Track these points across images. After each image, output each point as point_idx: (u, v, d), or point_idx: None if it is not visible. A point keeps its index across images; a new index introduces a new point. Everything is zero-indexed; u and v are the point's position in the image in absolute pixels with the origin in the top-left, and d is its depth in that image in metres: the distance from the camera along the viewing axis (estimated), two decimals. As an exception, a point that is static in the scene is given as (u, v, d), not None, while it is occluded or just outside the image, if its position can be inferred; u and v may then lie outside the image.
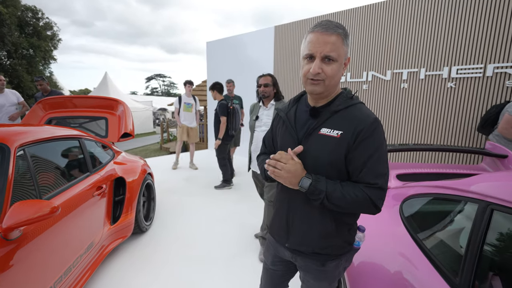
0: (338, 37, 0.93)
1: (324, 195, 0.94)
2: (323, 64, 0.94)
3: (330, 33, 0.93)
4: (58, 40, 18.66)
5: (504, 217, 0.92)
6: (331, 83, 0.97)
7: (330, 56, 0.93)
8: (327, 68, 0.94)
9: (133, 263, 2.44)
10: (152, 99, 23.44)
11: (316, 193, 0.94)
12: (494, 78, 3.50)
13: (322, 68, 0.94)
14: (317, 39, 0.94)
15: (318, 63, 0.94)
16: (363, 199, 0.92)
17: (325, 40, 0.92)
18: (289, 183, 0.98)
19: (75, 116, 3.31)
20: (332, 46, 0.92)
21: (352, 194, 0.93)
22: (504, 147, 2.19)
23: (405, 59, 4.16)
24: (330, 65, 0.94)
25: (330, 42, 0.92)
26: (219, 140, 4.19)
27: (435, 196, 1.30)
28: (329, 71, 0.94)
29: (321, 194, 0.94)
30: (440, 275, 1.03)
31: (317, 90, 0.98)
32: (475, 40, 3.57)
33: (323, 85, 0.97)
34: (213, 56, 7.30)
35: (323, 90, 0.98)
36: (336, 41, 0.93)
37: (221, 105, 4.16)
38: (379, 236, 1.47)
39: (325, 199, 0.94)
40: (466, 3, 3.59)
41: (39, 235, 1.53)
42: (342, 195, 0.93)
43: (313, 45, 0.94)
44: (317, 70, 0.94)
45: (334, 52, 0.93)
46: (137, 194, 2.75)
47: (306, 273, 1.17)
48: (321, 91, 0.98)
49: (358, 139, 0.94)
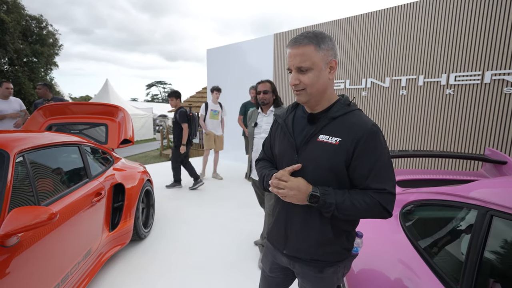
0: (308, 47, 0.96)
1: (334, 207, 0.94)
2: (299, 75, 0.99)
3: (297, 46, 0.98)
4: (59, 46, 18.85)
5: (504, 223, 0.92)
6: (313, 91, 1.00)
7: (301, 67, 0.97)
8: (304, 78, 0.99)
9: (132, 271, 2.42)
10: (153, 106, 23.54)
11: (326, 206, 0.95)
12: (492, 85, 3.52)
13: (299, 78, 0.99)
14: (290, 54, 1.00)
15: (295, 75, 1.00)
16: (373, 205, 0.94)
17: (295, 53, 0.98)
18: (297, 200, 0.98)
19: (75, 122, 3.32)
20: (302, 58, 0.97)
21: (361, 202, 0.94)
22: (504, 154, 2.19)
23: (403, 66, 4.20)
24: (306, 74, 0.98)
25: (298, 54, 0.97)
26: (183, 146, 4.52)
27: (435, 202, 1.30)
28: (306, 80, 0.99)
29: (331, 206, 0.94)
30: (441, 282, 1.02)
31: (301, 99, 1.04)
32: (473, 47, 3.61)
33: (305, 94, 1.01)
34: (213, 63, 7.37)
35: (307, 98, 1.02)
36: (305, 52, 0.96)
37: (181, 113, 4.45)
38: (379, 243, 1.46)
39: (336, 210, 0.95)
40: (464, 11, 3.64)
41: (37, 242, 1.52)
42: (352, 204, 0.94)
43: (288, 59, 1.02)
44: (294, 81, 1.00)
45: (306, 62, 0.97)
46: (136, 201, 2.73)
47: (304, 280, 1.16)
48: (305, 100, 1.03)
49: (359, 147, 0.94)
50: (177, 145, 4.56)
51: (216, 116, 5.10)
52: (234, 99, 6.51)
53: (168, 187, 4.81)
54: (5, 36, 14.43)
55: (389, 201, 0.95)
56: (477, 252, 0.94)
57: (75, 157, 2.23)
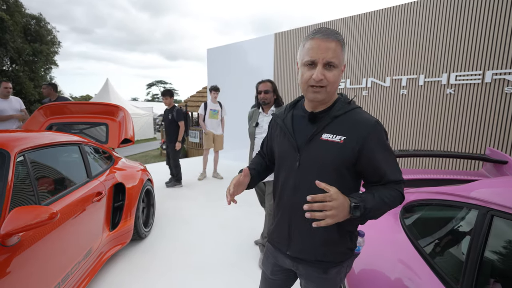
0: (338, 43, 0.94)
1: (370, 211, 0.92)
2: (325, 71, 0.94)
3: (330, 40, 0.93)
4: (58, 44, 18.85)
5: (505, 223, 0.92)
6: (332, 90, 0.97)
7: (331, 62, 0.92)
8: (329, 74, 0.94)
9: (132, 270, 2.42)
10: (153, 105, 23.54)
11: (366, 213, 0.91)
12: (493, 84, 3.52)
13: (324, 74, 0.93)
14: (318, 46, 0.93)
15: (321, 69, 0.93)
16: (397, 196, 0.97)
17: (327, 46, 0.92)
18: (343, 217, 0.89)
19: (76, 122, 3.32)
20: (333, 53, 0.93)
21: (388, 196, 0.96)
22: (505, 154, 2.19)
23: (404, 65, 4.19)
24: (331, 71, 0.94)
25: (331, 49, 0.92)
26: (179, 143, 4.65)
27: (436, 202, 1.30)
28: (331, 77, 0.94)
29: (370, 212, 0.92)
30: (441, 282, 1.02)
31: (318, 97, 0.98)
32: (473, 47, 3.60)
33: (324, 92, 0.96)
34: (213, 63, 7.36)
35: (324, 97, 0.98)
36: (336, 48, 0.93)
37: (178, 111, 4.62)
38: (379, 243, 1.46)
39: (370, 213, 0.92)
40: (465, 11, 3.63)
41: (37, 242, 1.52)
42: (382, 201, 0.94)
43: (315, 51, 0.94)
44: (320, 76, 0.93)
45: (336, 58, 0.93)
46: (136, 200, 2.74)
47: (308, 281, 1.15)
48: (322, 98, 0.98)
49: (367, 144, 0.94)
50: (174, 143, 4.68)
51: (215, 116, 5.07)
52: (234, 98, 6.51)
53: (168, 186, 4.83)
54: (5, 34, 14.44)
55: (403, 189, 1.00)
56: (477, 252, 0.94)
57: (75, 156, 2.24)
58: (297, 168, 1.04)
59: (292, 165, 1.06)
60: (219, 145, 5.23)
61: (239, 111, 5.19)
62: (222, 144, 5.27)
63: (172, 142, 4.68)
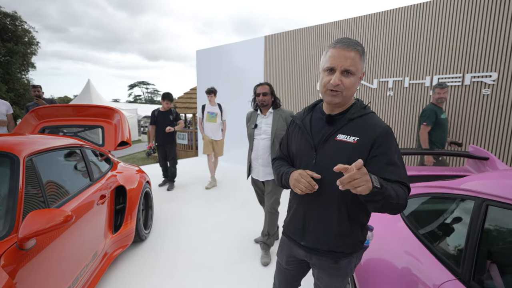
0: (357, 53, 1.04)
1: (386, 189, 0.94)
2: (343, 77, 1.04)
3: (350, 50, 1.03)
4: (36, 44, 18.06)
5: (498, 211, 1.05)
6: (348, 94, 1.08)
7: (349, 70, 1.03)
8: (346, 81, 1.04)
9: (136, 271, 2.43)
10: (137, 107, 23.06)
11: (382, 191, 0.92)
12: (472, 86, 3.78)
13: (341, 80, 1.04)
14: (338, 54, 1.04)
15: (338, 75, 1.04)
16: (402, 195, 0.98)
17: (346, 55, 1.03)
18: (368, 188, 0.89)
19: (70, 125, 3.26)
20: (352, 61, 1.03)
21: (398, 190, 0.98)
22: (486, 150, 2.38)
23: (390, 68, 4.41)
24: (348, 78, 1.04)
25: (350, 58, 1.03)
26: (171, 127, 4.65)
27: (434, 195, 1.43)
28: (347, 83, 1.04)
29: (386, 191, 0.93)
30: (445, 267, 1.14)
31: (335, 100, 1.08)
32: (454, 51, 3.85)
33: (341, 96, 1.07)
34: (203, 65, 7.37)
35: (340, 100, 1.08)
36: (355, 57, 1.03)
37: (176, 112, 4.85)
38: (381, 235, 1.57)
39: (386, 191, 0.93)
40: (445, 18, 3.88)
41: (50, 244, 1.53)
42: (394, 191, 0.96)
43: (334, 59, 1.04)
44: (337, 81, 1.03)
45: (353, 66, 1.03)
46: (137, 203, 2.74)
47: (320, 270, 1.24)
48: (339, 101, 1.08)
49: (376, 144, 1.03)
50: (174, 143, 4.75)
51: (213, 119, 4.76)
52: (224, 101, 6.51)
53: (169, 189, 4.79)
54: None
55: (408, 193, 1.02)
56: (475, 237, 1.06)
57: (78, 160, 2.23)
58: (313, 165, 1.14)
59: (309, 163, 1.16)
60: (219, 151, 4.92)
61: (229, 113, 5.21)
62: (222, 149, 4.96)
63: (172, 143, 4.72)
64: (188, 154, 10.15)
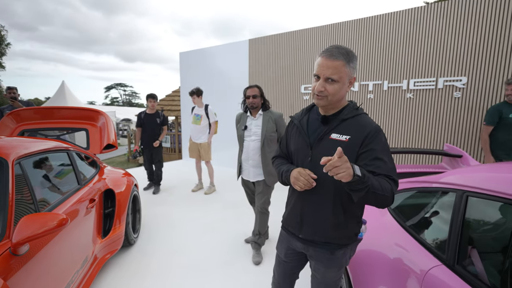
0: (340, 62, 1.11)
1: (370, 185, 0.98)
2: (326, 84, 1.13)
3: (333, 59, 1.11)
4: (6, 45, 17.07)
5: (477, 201, 1.17)
6: (333, 99, 1.16)
7: (332, 78, 1.12)
8: (329, 87, 1.13)
9: (127, 276, 2.39)
10: (115, 110, 22.33)
11: (364, 180, 0.97)
12: (444, 90, 4.05)
13: (325, 87, 1.13)
14: (322, 63, 1.13)
15: (322, 82, 1.13)
16: (388, 189, 1.03)
17: (329, 65, 1.11)
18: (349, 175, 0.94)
19: (51, 128, 3.15)
20: (334, 70, 1.11)
21: (383, 183, 1.03)
22: (459, 149, 2.57)
23: (370, 72, 4.63)
24: (332, 85, 1.13)
25: (332, 67, 1.11)
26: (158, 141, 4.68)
27: (418, 189, 1.55)
28: (330, 90, 1.13)
29: (369, 180, 0.98)
30: (431, 254, 1.24)
31: (320, 103, 1.18)
32: (429, 57, 4.12)
33: (326, 100, 1.16)
34: (186, 67, 7.32)
35: (326, 103, 1.17)
36: (338, 66, 1.11)
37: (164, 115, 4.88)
38: (371, 228, 1.67)
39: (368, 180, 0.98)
40: (421, 25, 4.14)
41: (42, 250, 1.49)
42: (378, 183, 1.03)
43: (319, 67, 1.14)
44: (320, 88, 1.13)
45: (336, 75, 1.11)
46: (126, 206, 2.70)
47: (317, 262, 1.32)
48: (324, 104, 1.18)
49: (365, 141, 1.12)
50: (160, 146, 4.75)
51: (198, 121, 4.59)
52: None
53: (155, 192, 4.72)
54: None
55: (395, 188, 1.09)
56: (458, 226, 1.17)
57: (66, 163, 2.17)
58: (309, 162, 1.23)
59: (305, 160, 1.24)
60: (205, 155, 4.64)
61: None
62: (208, 153, 4.65)
63: (158, 146, 4.69)
64: (171, 157, 9.99)
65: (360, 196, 1.01)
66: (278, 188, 2.96)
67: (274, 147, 2.67)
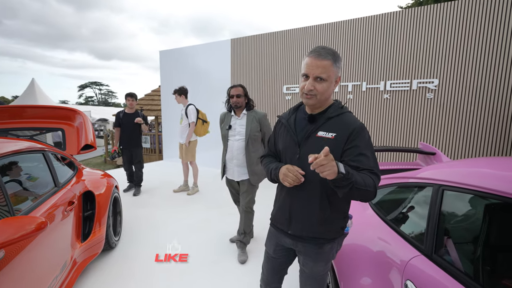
0: (328, 61, 1.16)
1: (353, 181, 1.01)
2: (315, 83, 1.17)
3: (321, 59, 1.15)
4: None
5: (452, 195, 1.25)
6: (322, 98, 1.20)
7: (321, 77, 1.16)
8: (319, 86, 1.17)
9: (110, 281, 2.31)
10: (91, 109, 21.43)
11: (348, 177, 1.01)
12: (418, 91, 4.27)
13: (314, 86, 1.17)
14: (311, 63, 1.16)
15: (311, 81, 1.17)
16: (371, 184, 1.07)
17: (317, 64, 1.15)
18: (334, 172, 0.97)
19: (23, 127, 2.98)
20: (323, 69, 1.15)
21: (366, 178, 1.07)
22: (433, 147, 2.72)
23: (350, 74, 4.78)
24: (321, 83, 1.17)
25: (321, 66, 1.15)
26: None
27: (398, 185, 1.63)
28: (320, 88, 1.17)
29: (352, 177, 1.02)
30: (411, 245, 1.31)
31: (309, 102, 1.22)
32: (403, 60, 4.32)
33: (315, 98, 1.19)
34: (167, 66, 7.18)
35: (315, 102, 1.21)
36: (326, 65, 1.15)
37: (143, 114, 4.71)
38: (354, 223, 1.74)
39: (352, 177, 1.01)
40: (396, 29, 4.33)
41: (18, 255, 1.41)
42: (362, 179, 1.06)
43: (308, 67, 1.17)
44: (310, 87, 1.17)
45: (325, 73, 1.16)
46: (106, 208, 2.61)
47: (306, 256, 1.35)
48: (313, 103, 1.22)
49: (350, 138, 1.17)
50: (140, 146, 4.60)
51: (180, 121, 4.63)
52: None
53: (135, 194, 4.59)
54: None
55: (378, 182, 1.13)
56: (435, 217, 1.25)
57: (41, 164, 2.06)
58: (297, 159, 1.26)
59: (293, 157, 1.27)
60: (184, 156, 4.60)
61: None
62: (187, 154, 4.58)
63: (138, 146, 4.55)
64: (151, 158, 9.75)
65: (344, 192, 1.05)
66: (263, 187, 2.99)
67: (258, 146, 2.69)
